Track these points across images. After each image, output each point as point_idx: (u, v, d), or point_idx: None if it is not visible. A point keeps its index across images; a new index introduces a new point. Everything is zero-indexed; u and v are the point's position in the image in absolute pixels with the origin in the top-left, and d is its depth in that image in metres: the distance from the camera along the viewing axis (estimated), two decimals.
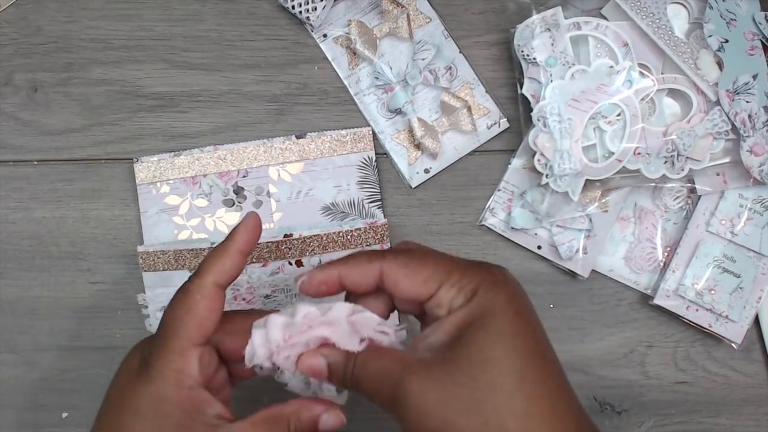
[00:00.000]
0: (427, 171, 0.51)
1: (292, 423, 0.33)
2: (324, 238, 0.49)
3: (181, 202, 0.50)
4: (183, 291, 0.34)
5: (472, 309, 0.31)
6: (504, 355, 0.29)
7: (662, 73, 0.48)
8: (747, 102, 0.47)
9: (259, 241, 0.48)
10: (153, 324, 0.49)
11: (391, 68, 0.51)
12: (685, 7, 0.49)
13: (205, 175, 0.50)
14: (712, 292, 0.48)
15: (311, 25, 0.51)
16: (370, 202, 0.50)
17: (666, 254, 0.50)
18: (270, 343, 0.33)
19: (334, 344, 0.32)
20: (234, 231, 0.36)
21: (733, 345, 0.49)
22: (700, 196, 0.49)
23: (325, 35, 0.52)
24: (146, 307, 0.49)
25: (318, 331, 0.32)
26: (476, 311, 0.31)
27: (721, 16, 0.48)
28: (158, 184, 0.50)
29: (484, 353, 0.29)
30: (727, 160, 0.48)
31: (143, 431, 0.31)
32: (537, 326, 0.32)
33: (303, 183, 0.50)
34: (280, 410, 0.33)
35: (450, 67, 0.51)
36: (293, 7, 0.50)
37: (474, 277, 0.32)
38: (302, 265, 0.49)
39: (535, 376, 0.30)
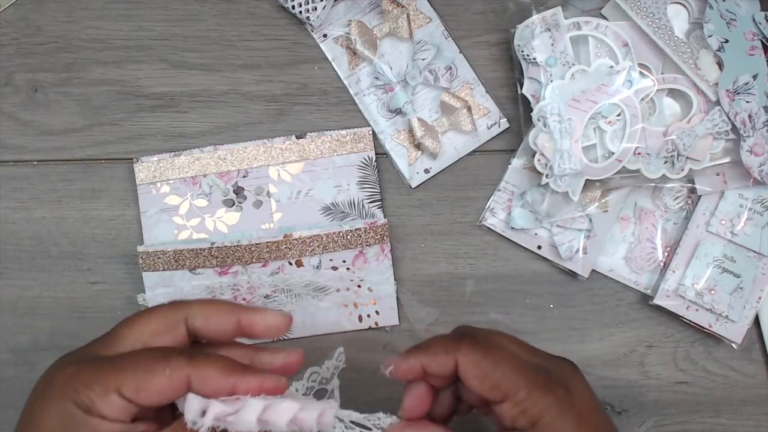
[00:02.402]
0: (427, 171, 0.51)
1: None
2: (324, 238, 0.49)
3: (181, 202, 0.50)
4: (159, 355, 0.31)
5: None
6: None
7: (662, 73, 0.48)
8: (747, 102, 0.47)
9: (259, 241, 0.48)
10: None
11: (391, 68, 0.51)
12: (685, 7, 0.49)
13: (205, 175, 0.50)
14: (712, 292, 0.48)
15: (311, 25, 0.51)
16: (370, 202, 0.50)
17: (666, 254, 0.50)
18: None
19: None
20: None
21: (733, 345, 0.49)
22: (700, 196, 0.49)
23: (325, 35, 0.52)
24: (146, 307, 0.49)
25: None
26: None
27: (721, 16, 0.48)
28: (158, 184, 0.50)
29: None
30: (727, 160, 0.48)
31: None
32: None
33: (303, 183, 0.50)
34: None
35: (450, 67, 0.51)
36: (293, 7, 0.50)
37: (539, 402, 0.31)
38: (302, 265, 0.49)
39: None
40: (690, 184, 0.49)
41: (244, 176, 0.50)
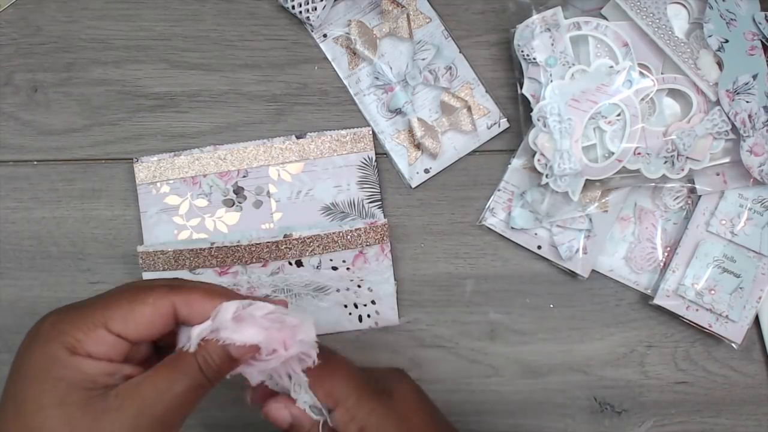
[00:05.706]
0: (427, 171, 0.51)
1: (199, 358, 0.31)
2: (324, 238, 0.49)
3: (181, 202, 0.50)
4: (142, 288, 0.32)
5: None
6: None
7: (662, 73, 0.48)
8: (747, 102, 0.47)
9: (258, 241, 0.48)
10: None
11: (391, 68, 0.51)
12: (685, 7, 0.49)
13: (205, 175, 0.50)
14: (712, 292, 0.48)
15: (311, 25, 0.51)
16: (370, 202, 0.50)
17: (666, 254, 0.50)
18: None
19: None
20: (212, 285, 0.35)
21: (733, 345, 0.49)
22: (700, 196, 0.49)
23: (325, 35, 0.52)
24: None
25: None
26: None
27: (721, 16, 0.48)
28: (158, 184, 0.50)
29: None
30: (727, 160, 0.48)
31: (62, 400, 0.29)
32: None
33: (303, 183, 0.50)
34: (183, 351, 0.32)
35: (450, 67, 0.51)
36: (293, 7, 0.50)
37: (365, 407, 0.35)
38: (302, 266, 0.49)
39: None
40: (690, 184, 0.49)
41: (244, 176, 0.50)
